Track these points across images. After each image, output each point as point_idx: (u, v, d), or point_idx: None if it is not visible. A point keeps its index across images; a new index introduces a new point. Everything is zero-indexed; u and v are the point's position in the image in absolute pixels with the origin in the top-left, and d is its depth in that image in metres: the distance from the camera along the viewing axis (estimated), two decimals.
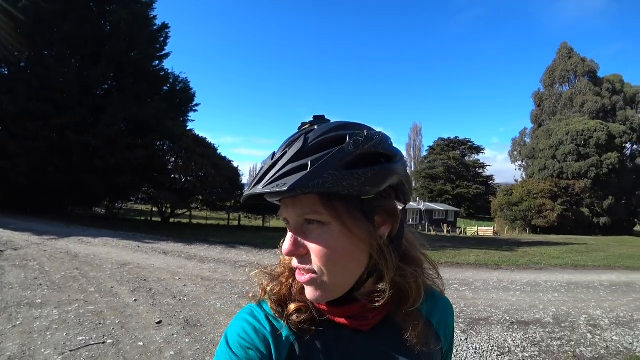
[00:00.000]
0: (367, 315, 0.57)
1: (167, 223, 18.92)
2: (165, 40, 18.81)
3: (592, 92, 37.78)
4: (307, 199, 0.51)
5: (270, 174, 0.50)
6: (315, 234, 0.52)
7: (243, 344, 0.54)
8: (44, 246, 7.86)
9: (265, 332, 0.56)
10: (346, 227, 0.51)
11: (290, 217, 0.53)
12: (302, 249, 0.53)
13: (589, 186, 33.41)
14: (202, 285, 5.69)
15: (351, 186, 0.48)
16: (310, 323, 0.57)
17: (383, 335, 0.59)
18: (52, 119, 14.13)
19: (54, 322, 3.75)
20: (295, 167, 0.49)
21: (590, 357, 3.64)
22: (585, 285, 7.30)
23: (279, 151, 0.53)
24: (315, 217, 0.51)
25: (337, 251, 0.52)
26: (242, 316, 0.59)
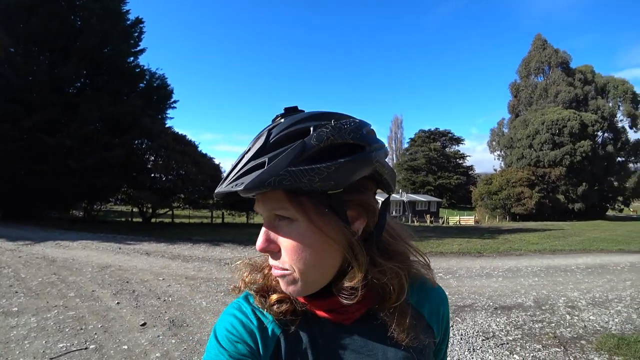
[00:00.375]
0: (348, 310, 0.55)
1: (149, 223, 18.50)
2: (139, 35, 18.23)
3: (565, 82, 39.06)
4: (275, 195, 0.49)
5: (233, 173, 0.49)
6: (285, 230, 0.51)
7: (232, 338, 0.55)
8: (18, 252, 7.54)
9: (252, 326, 0.56)
10: (313, 223, 0.49)
11: (262, 213, 0.53)
12: (273, 245, 0.52)
13: (563, 174, 34.70)
14: (186, 285, 5.60)
15: (312, 182, 0.46)
16: (294, 315, 0.56)
17: (367, 329, 0.57)
18: (22, 120, 13.51)
19: (32, 330, 3.60)
20: (254, 166, 0.48)
21: (569, 337, 3.78)
22: (563, 268, 7.59)
23: (246, 148, 0.52)
24: (283, 213, 0.50)
25: (306, 248, 0.50)
26: (229, 311, 0.59)
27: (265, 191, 0.47)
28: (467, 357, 3.30)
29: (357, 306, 0.55)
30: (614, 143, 38.01)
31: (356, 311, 0.56)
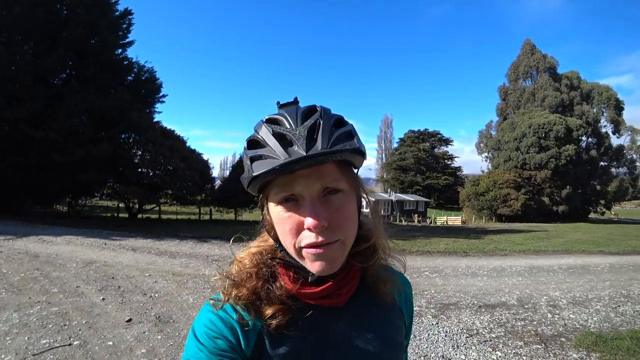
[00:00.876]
0: (341, 292, 0.59)
1: (135, 219, 18.23)
2: (128, 27, 17.91)
3: (552, 87, 39.96)
4: (329, 169, 0.53)
5: (325, 137, 0.51)
6: (338, 202, 0.54)
7: (211, 334, 0.54)
8: (0, 247, 7.35)
9: (232, 321, 0.56)
10: (355, 194, 0.58)
11: (311, 189, 0.53)
12: (325, 220, 0.52)
13: (549, 176, 35.52)
14: (173, 281, 5.55)
15: (362, 158, 0.57)
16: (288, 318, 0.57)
17: (357, 306, 0.61)
18: (4, 111, 13.12)
19: (14, 326, 3.53)
20: (347, 133, 0.54)
21: (550, 335, 3.89)
22: (546, 269, 7.78)
23: (302, 120, 0.53)
24: (336, 185, 0.54)
25: (353, 217, 0.56)
26: (208, 308, 0.58)
27: (342, 159, 0.54)
28: (452, 353, 3.37)
29: (349, 285, 0.60)
30: (597, 148, 39.12)
31: (348, 291, 0.60)
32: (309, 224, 0.51)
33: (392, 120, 69.12)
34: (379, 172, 65.15)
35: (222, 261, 7.24)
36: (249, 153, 0.54)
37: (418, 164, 55.01)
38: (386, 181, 57.51)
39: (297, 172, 0.51)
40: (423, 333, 3.86)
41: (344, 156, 0.53)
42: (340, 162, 0.55)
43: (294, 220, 0.53)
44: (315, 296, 0.58)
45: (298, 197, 0.53)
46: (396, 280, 0.68)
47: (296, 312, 0.57)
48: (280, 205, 0.54)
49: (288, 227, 0.54)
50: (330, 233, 0.52)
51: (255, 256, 0.62)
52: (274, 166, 0.50)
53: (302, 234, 0.53)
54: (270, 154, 0.51)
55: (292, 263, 0.58)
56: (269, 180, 0.54)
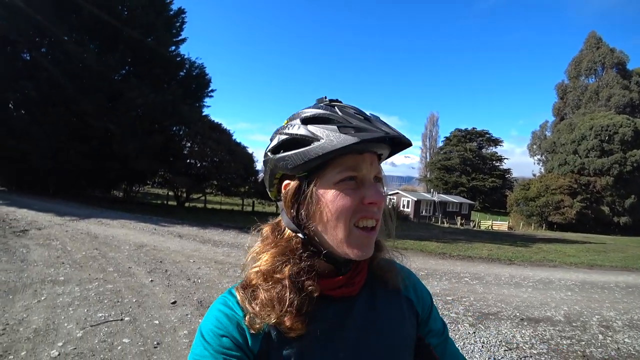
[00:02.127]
0: (355, 281, 0.62)
1: (183, 207, 19.35)
2: (181, 25, 18.89)
3: (620, 85, 36.24)
4: (377, 159, 0.61)
5: (388, 126, 0.58)
6: (379, 186, 0.60)
7: (217, 333, 0.55)
8: (65, 227, 8.18)
9: (238, 319, 0.57)
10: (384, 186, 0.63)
11: (371, 171, 0.59)
12: (382, 201, 0.59)
13: (610, 184, 32.36)
14: (215, 269, 5.85)
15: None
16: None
17: (369, 294, 0.65)
18: (72, 104, 14.48)
19: (76, 298, 3.94)
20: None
21: (599, 358, 3.59)
22: (601, 285, 7.16)
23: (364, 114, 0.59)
24: (380, 175, 0.61)
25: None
26: (215, 306, 0.59)
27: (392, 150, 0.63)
28: None
29: (361, 275, 0.64)
30: None
31: (360, 280, 0.64)
32: (374, 198, 0.56)
33: (438, 118, 66.66)
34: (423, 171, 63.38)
35: None
36: (325, 125, 0.56)
37: (464, 164, 52.72)
38: (429, 181, 55.84)
39: (365, 156, 0.58)
40: (458, 342, 3.75)
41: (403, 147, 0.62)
42: (379, 155, 0.61)
43: (357, 197, 0.56)
44: (332, 286, 0.60)
45: (360, 179, 0.58)
46: (398, 271, 0.70)
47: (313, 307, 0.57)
48: (340, 184, 0.56)
49: (349, 203, 0.55)
50: (380, 214, 0.59)
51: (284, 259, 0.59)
52: (378, 136, 0.55)
53: (360, 211, 0.56)
54: (368, 125, 0.55)
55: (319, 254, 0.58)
56: (326, 161, 0.55)
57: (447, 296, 5.40)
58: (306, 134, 0.56)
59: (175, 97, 16.61)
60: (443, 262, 8.46)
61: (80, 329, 3.21)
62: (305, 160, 0.55)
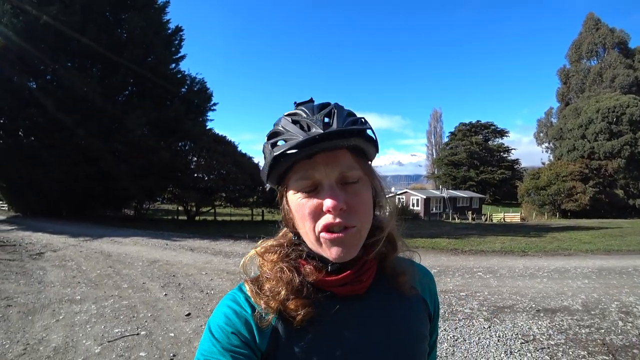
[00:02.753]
0: (361, 278, 0.60)
1: (193, 221, 19.51)
2: (179, 43, 19.23)
3: (624, 64, 35.67)
4: (344, 156, 0.57)
5: (339, 121, 0.56)
6: (354, 189, 0.57)
7: (225, 329, 0.56)
8: (79, 247, 8.34)
9: (246, 315, 0.57)
10: (371, 183, 0.61)
11: (328, 175, 0.56)
12: (344, 204, 0.55)
13: (622, 166, 31.71)
14: (227, 279, 5.90)
15: (375, 148, 0.62)
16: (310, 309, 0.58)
17: (378, 294, 0.63)
18: (79, 127, 14.82)
19: (93, 316, 4.02)
20: (357, 120, 0.58)
21: (620, 345, 3.52)
22: (619, 271, 7.00)
23: (317, 110, 0.58)
24: (352, 173, 0.57)
25: (367, 205, 0.59)
26: (223, 302, 0.60)
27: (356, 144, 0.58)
28: (504, 359, 3.21)
29: (369, 272, 0.62)
30: None
31: (368, 278, 0.61)
32: (328, 205, 0.54)
33: (442, 113, 66.45)
34: (430, 168, 62.99)
35: None
36: (269, 142, 0.58)
37: (471, 158, 52.22)
38: (437, 177, 55.43)
39: (316, 159, 0.55)
40: (473, 337, 3.72)
41: (358, 141, 0.57)
42: (354, 150, 0.58)
43: (313, 204, 0.56)
44: (336, 284, 0.59)
45: (317, 184, 0.57)
46: (415, 271, 0.69)
47: (317, 302, 0.58)
48: (300, 192, 0.58)
49: (307, 211, 0.56)
50: (348, 217, 0.55)
51: (277, 249, 0.64)
52: (295, 144, 0.53)
53: (321, 217, 0.55)
54: (290, 136, 0.55)
55: (311, 254, 0.60)
56: (288, 169, 0.58)
57: (461, 292, 5.35)
58: (263, 151, 0.61)
59: (178, 114, 16.87)
60: (455, 258, 8.38)
61: (98, 345, 3.27)
62: (264, 176, 0.62)
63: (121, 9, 16.66)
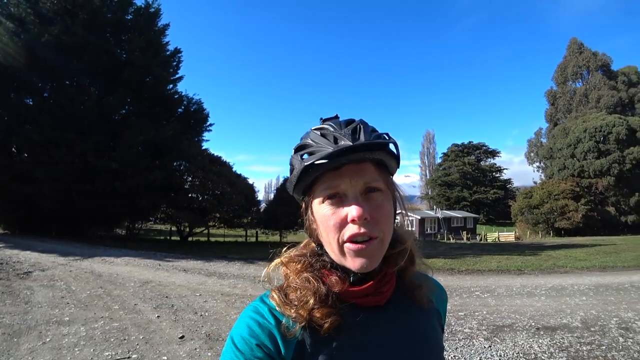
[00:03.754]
0: (383, 290, 0.62)
1: (186, 241, 19.21)
2: (178, 64, 19.51)
3: (607, 86, 36.89)
4: (369, 169, 0.60)
5: (364, 135, 0.59)
6: (378, 200, 0.59)
7: (249, 341, 0.56)
8: (69, 267, 8.12)
9: (270, 327, 0.57)
10: (392, 195, 0.63)
11: (355, 185, 0.58)
12: (368, 214, 0.57)
13: (612, 183, 32.24)
14: (222, 301, 5.76)
15: (397, 163, 0.64)
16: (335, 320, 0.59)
17: (397, 306, 0.64)
18: (75, 145, 14.74)
19: (82, 338, 3.87)
20: (381, 134, 0.62)
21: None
22: (615, 287, 7.01)
23: (345, 125, 0.61)
24: (376, 185, 0.60)
25: (390, 216, 0.61)
26: (246, 313, 0.61)
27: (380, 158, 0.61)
28: None
29: (389, 284, 0.63)
30: None
31: (389, 289, 0.63)
32: (353, 215, 0.56)
33: (434, 135, 67.22)
34: (424, 189, 63.31)
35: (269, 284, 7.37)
36: (298, 153, 0.62)
37: (464, 178, 52.69)
38: (431, 198, 55.65)
39: (343, 170, 0.58)
40: (474, 357, 3.65)
41: (382, 155, 0.60)
42: (378, 164, 0.61)
43: (339, 214, 0.58)
44: (359, 295, 0.60)
45: (342, 195, 0.59)
46: (431, 285, 0.72)
47: (341, 312, 0.59)
48: (325, 202, 0.60)
49: (333, 221, 0.58)
50: (371, 227, 0.57)
51: (301, 259, 0.65)
52: (325, 154, 0.56)
53: (346, 227, 0.57)
54: (319, 148, 0.58)
55: (334, 264, 0.62)
56: (314, 180, 0.61)
57: (459, 312, 5.29)
58: (291, 162, 0.63)
59: (174, 133, 16.90)
60: (452, 277, 8.32)
61: None
62: (291, 187, 0.64)
63: (122, 30, 16.97)
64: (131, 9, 17.45)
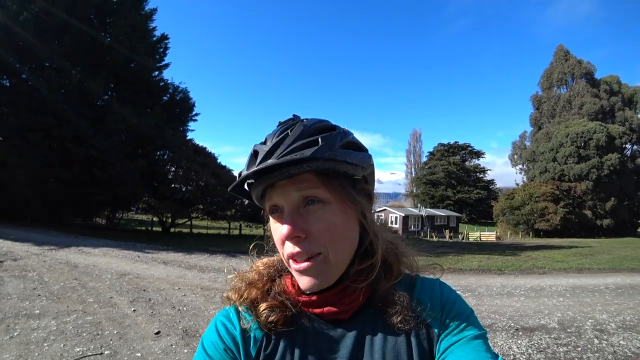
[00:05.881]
0: (344, 302, 0.56)
1: (168, 233, 18.86)
2: (164, 51, 18.99)
3: (590, 93, 37.96)
4: (306, 178, 0.52)
5: (280, 149, 0.51)
6: (317, 213, 0.53)
7: (218, 345, 0.57)
8: (43, 257, 7.82)
9: (235, 333, 0.58)
10: (343, 205, 0.54)
11: (287, 200, 0.53)
12: (301, 230, 0.52)
13: (590, 188, 33.34)
14: (201, 295, 5.63)
15: (347, 165, 0.53)
16: (285, 320, 0.57)
17: (363, 321, 0.57)
18: (53, 130, 14.20)
19: (52, 333, 3.70)
20: (306, 143, 0.51)
21: None
22: (591, 289, 7.21)
23: (276, 135, 0.54)
24: (315, 194, 0.52)
25: (338, 229, 0.53)
26: (216, 318, 0.61)
27: (316, 166, 0.50)
28: None
29: (353, 296, 0.56)
30: None
31: (352, 303, 0.56)
32: (283, 234, 0.52)
33: (421, 133, 67.88)
34: (409, 186, 64.01)
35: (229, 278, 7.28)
36: None
37: (449, 177, 53.50)
38: (416, 196, 56.30)
39: (277, 183, 0.53)
40: None
41: (315, 165, 0.50)
42: (321, 170, 0.52)
43: (278, 230, 0.54)
44: (314, 305, 0.56)
45: (280, 208, 0.54)
46: (411, 299, 0.58)
47: (298, 319, 0.57)
48: (271, 216, 0.57)
49: (277, 236, 0.55)
50: (309, 245, 0.52)
51: (268, 263, 0.66)
52: (234, 185, 0.55)
53: (285, 245, 0.54)
54: (244, 169, 0.55)
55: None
56: (263, 192, 0.56)
57: None
58: None
59: (158, 122, 16.48)
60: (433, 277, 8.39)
61: None
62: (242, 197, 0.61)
63: (107, 13, 16.36)
64: None
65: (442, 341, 0.55)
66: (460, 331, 0.55)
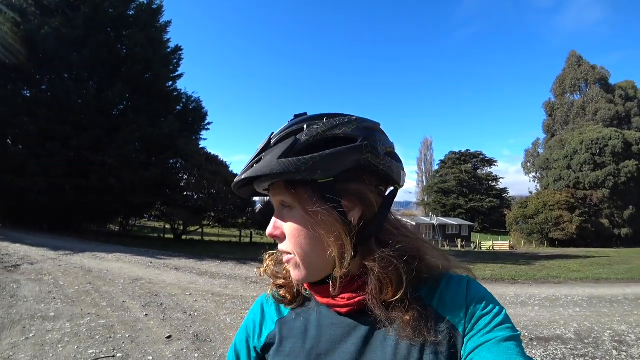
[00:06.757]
0: (343, 297, 0.56)
1: (180, 239, 19.04)
2: (178, 61, 19.46)
3: (605, 99, 37.19)
4: (278, 185, 0.56)
5: (241, 170, 0.58)
6: (287, 217, 0.57)
7: (243, 330, 0.67)
8: (59, 261, 7.99)
9: (257, 318, 0.66)
10: (306, 211, 0.53)
11: (273, 202, 0.59)
12: (279, 231, 0.58)
13: (607, 196, 32.41)
14: (212, 301, 5.67)
15: (299, 171, 0.50)
16: (293, 300, 0.64)
17: (362, 321, 0.56)
18: (71, 139, 14.60)
19: (66, 335, 3.77)
20: (255, 161, 0.55)
21: None
22: (609, 299, 6.99)
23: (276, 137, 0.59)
24: (284, 201, 0.56)
25: (303, 233, 0.54)
26: (254, 305, 0.70)
27: (267, 181, 0.55)
28: None
29: (349, 295, 0.55)
30: None
31: (350, 300, 0.55)
32: (267, 231, 0.59)
33: (432, 142, 67.23)
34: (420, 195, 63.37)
35: (260, 283, 7.31)
36: None
37: (460, 186, 52.71)
38: (427, 204, 55.61)
39: (270, 187, 0.58)
40: None
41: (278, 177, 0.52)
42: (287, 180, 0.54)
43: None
44: (316, 293, 0.60)
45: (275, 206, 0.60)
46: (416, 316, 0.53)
47: (309, 305, 0.62)
48: None
49: None
50: (284, 245, 0.57)
51: None
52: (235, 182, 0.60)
53: None
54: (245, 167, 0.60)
55: None
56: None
57: None
58: None
59: (172, 131, 16.80)
60: None
61: None
62: None
63: (123, 26, 16.88)
64: (133, 4, 17.42)
65: (468, 342, 0.51)
66: (488, 331, 0.51)
